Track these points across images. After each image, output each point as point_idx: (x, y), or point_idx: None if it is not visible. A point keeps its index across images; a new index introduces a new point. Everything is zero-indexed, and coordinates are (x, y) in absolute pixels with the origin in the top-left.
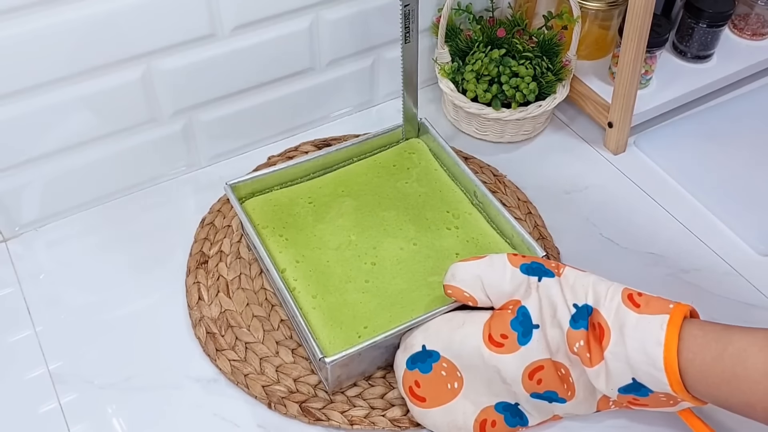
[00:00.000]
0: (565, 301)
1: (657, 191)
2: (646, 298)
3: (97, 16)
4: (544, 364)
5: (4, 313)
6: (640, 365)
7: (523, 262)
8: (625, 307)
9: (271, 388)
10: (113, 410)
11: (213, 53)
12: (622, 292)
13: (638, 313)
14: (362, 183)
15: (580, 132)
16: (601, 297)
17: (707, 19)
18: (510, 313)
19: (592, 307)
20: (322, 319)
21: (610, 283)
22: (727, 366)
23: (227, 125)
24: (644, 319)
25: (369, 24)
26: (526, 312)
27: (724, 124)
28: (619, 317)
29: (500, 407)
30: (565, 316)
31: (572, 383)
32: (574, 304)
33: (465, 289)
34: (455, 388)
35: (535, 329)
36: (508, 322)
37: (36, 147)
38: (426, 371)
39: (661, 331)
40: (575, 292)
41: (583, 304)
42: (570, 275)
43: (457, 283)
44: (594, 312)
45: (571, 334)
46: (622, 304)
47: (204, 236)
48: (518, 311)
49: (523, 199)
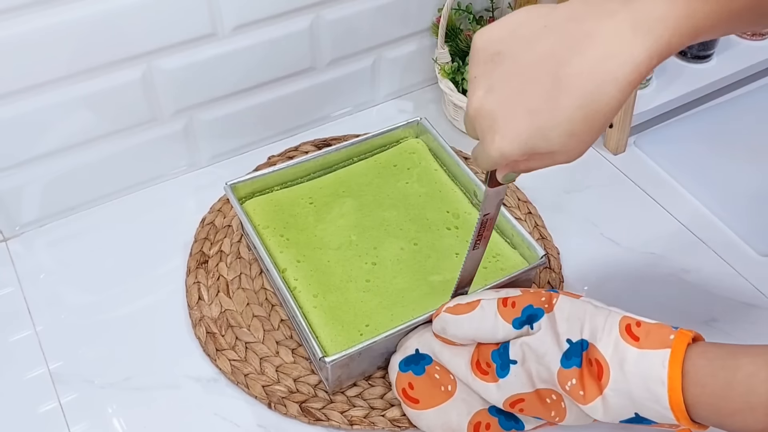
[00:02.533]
0: (558, 337)
1: (657, 191)
2: (646, 328)
3: (97, 16)
4: (525, 397)
5: (4, 313)
6: (644, 402)
7: (514, 317)
8: (624, 341)
9: (271, 388)
10: (113, 410)
11: (213, 53)
12: (619, 323)
13: (638, 348)
14: (363, 183)
15: None
16: (598, 330)
17: None
18: (495, 344)
19: (588, 342)
20: (323, 318)
21: (608, 312)
22: (738, 395)
23: (228, 125)
24: (645, 356)
25: (369, 24)
26: (507, 346)
27: (724, 124)
28: (619, 353)
29: (494, 410)
30: (555, 358)
31: (563, 409)
32: (567, 340)
33: (456, 342)
34: (449, 390)
35: (513, 364)
36: (490, 351)
37: (36, 147)
38: (419, 373)
39: (663, 369)
40: (570, 325)
41: (577, 339)
42: (564, 306)
43: (449, 337)
44: (590, 347)
45: (562, 374)
46: (621, 338)
47: (204, 236)
48: (501, 344)
49: (523, 199)
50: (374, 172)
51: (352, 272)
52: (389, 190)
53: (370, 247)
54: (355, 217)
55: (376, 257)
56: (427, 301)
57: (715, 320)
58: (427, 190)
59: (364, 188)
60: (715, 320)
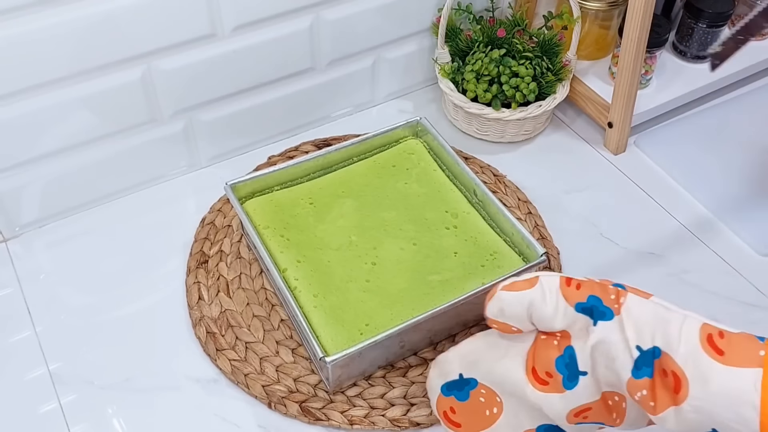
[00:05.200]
0: (627, 343)
1: (657, 191)
2: (729, 338)
3: (97, 16)
4: (593, 406)
5: (4, 314)
6: (728, 423)
7: (578, 301)
8: (706, 354)
9: (271, 388)
10: (113, 410)
11: (213, 53)
12: (699, 331)
13: (723, 363)
14: (362, 184)
15: (580, 132)
16: (673, 339)
17: (707, 19)
18: (556, 349)
19: (661, 350)
20: (324, 318)
21: (683, 317)
22: None
23: (227, 125)
24: (732, 374)
25: (369, 24)
26: (573, 355)
27: (724, 124)
28: (700, 368)
29: (542, 429)
30: (625, 366)
31: (624, 409)
32: (637, 347)
33: (513, 325)
34: (494, 413)
35: (582, 375)
36: (553, 360)
37: (36, 147)
38: (463, 399)
39: (755, 392)
40: (639, 331)
41: (648, 348)
42: (633, 309)
43: (506, 320)
44: (663, 356)
45: (632, 384)
46: (701, 350)
47: (204, 236)
48: (565, 351)
49: (523, 199)
50: (374, 173)
51: (352, 272)
52: (389, 191)
53: (370, 248)
54: (355, 218)
55: (376, 257)
56: (426, 300)
57: (715, 320)
58: (426, 191)
59: (363, 189)
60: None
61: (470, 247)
